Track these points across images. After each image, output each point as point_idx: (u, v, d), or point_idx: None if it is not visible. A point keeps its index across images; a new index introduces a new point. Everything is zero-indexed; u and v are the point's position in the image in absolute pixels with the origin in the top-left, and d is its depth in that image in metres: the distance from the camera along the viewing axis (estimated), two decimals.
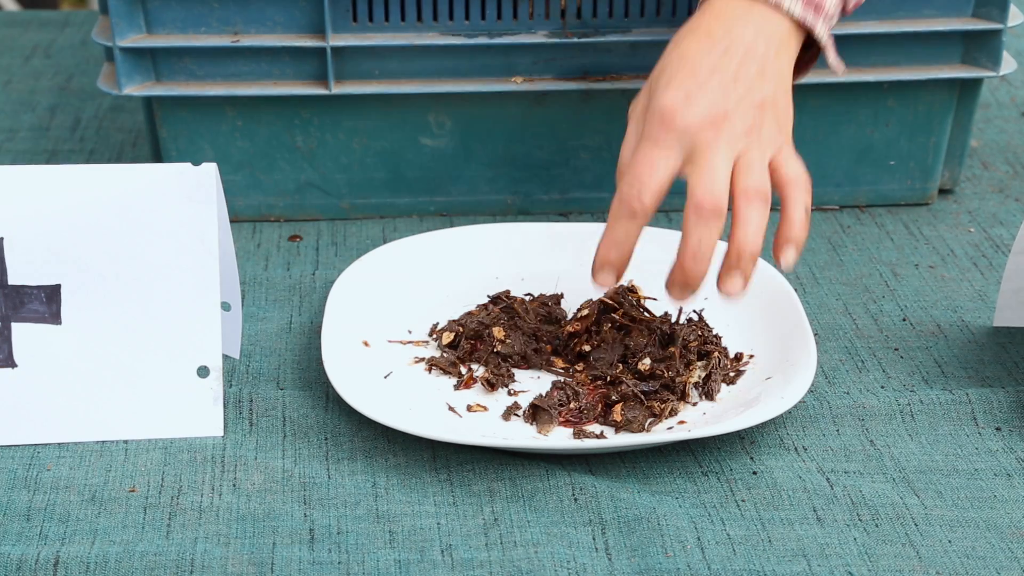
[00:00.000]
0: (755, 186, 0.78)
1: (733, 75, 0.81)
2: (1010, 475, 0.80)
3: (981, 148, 1.19)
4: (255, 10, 1.00)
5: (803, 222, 0.79)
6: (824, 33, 0.85)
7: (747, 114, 0.80)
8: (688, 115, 0.79)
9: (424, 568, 0.73)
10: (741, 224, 0.78)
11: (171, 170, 0.82)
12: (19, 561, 0.72)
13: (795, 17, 0.83)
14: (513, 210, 1.09)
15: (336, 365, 0.84)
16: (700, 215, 0.77)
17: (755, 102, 0.80)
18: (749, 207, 0.78)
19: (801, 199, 0.80)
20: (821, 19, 0.84)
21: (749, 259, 0.78)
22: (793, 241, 0.79)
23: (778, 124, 0.81)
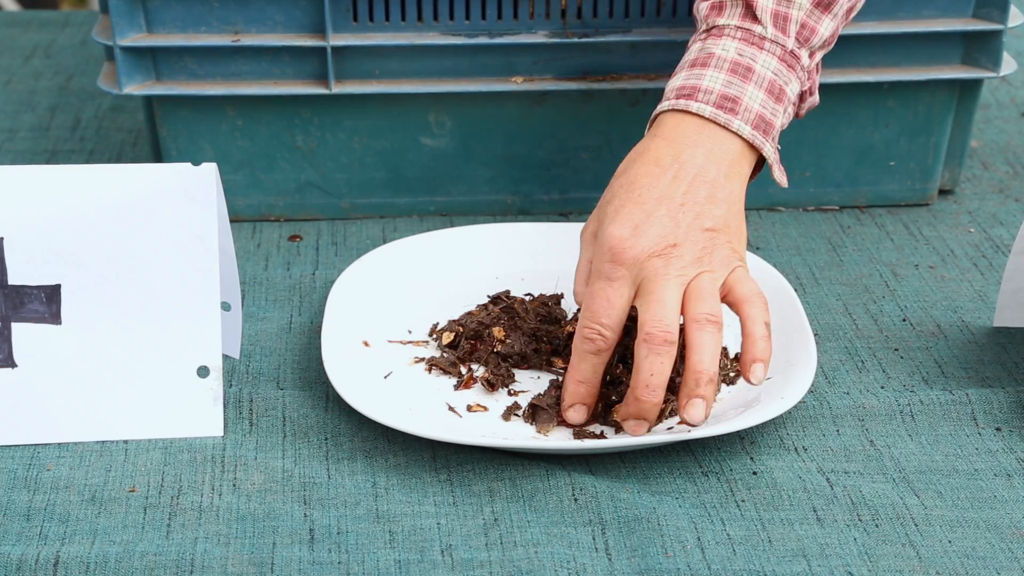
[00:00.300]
0: (706, 312, 0.79)
1: (680, 201, 0.82)
2: (1010, 475, 0.80)
3: (981, 148, 1.19)
4: (255, 9, 1.00)
5: (765, 338, 0.80)
6: (771, 152, 0.86)
7: (697, 241, 0.81)
8: (636, 248, 0.80)
9: (424, 568, 0.73)
10: (695, 351, 0.78)
11: (171, 170, 0.82)
12: (19, 561, 0.72)
13: (744, 138, 0.84)
14: (513, 210, 1.09)
15: (336, 365, 0.84)
16: (651, 346, 0.78)
17: (705, 227, 0.81)
18: (702, 333, 0.78)
19: (759, 316, 0.80)
20: (770, 139, 0.85)
21: (707, 384, 0.78)
22: (759, 359, 0.80)
23: (731, 247, 0.82)
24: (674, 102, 0.85)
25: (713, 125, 0.84)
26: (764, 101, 0.85)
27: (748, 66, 0.85)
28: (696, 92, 0.85)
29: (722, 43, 0.86)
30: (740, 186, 0.84)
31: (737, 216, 0.83)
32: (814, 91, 0.91)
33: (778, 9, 0.86)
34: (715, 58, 0.86)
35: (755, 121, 0.84)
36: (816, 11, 0.87)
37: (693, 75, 0.86)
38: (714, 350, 0.78)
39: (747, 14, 0.87)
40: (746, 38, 0.86)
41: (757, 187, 1.09)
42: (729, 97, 0.84)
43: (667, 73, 1.04)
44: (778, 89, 0.86)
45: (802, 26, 0.87)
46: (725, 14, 0.87)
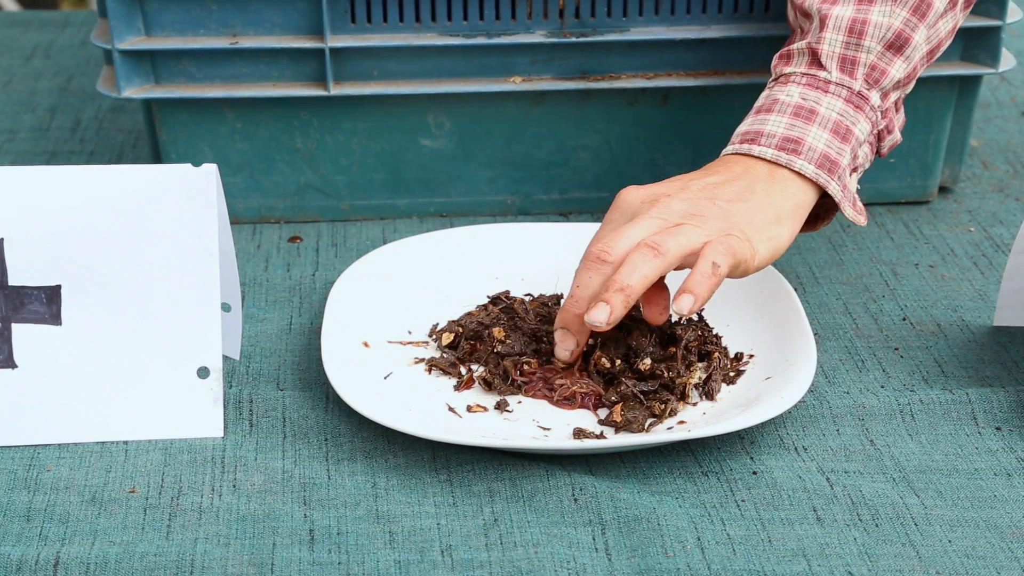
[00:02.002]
0: (652, 239, 0.80)
1: (703, 184, 0.84)
2: (1010, 475, 0.80)
3: (981, 147, 1.19)
4: (253, 12, 1.00)
5: (704, 274, 0.79)
6: (837, 190, 0.87)
7: (698, 204, 0.82)
8: (633, 194, 0.85)
9: (424, 568, 0.73)
10: (622, 265, 0.80)
11: (171, 171, 0.82)
12: (19, 562, 0.72)
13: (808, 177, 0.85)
14: (513, 210, 1.09)
15: (336, 366, 0.84)
16: (586, 262, 0.82)
17: (716, 203, 0.83)
18: (635, 252, 0.80)
19: (709, 254, 0.80)
20: (835, 178, 0.86)
21: (616, 291, 0.79)
22: (688, 289, 0.79)
23: (740, 230, 0.82)
24: (737, 146, 0.87)
25: (776, 167, 0.86)
26: (829, 141, 0.86)
27: (812, 108, 0.87)
28: (759, 136, 0.87)
29: (787, 89, 0.89)
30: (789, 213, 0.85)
31: (764, 221, 0.83)
32: (893, 129, 0.91)
33: (845, 54, 0.88)
34: (779, 103, 0.88)
35: (819, 160, 0.86)
36: (888, 53, 0.88)
37: (757, 121, 0.88)
38: (640, 269, 0.79)
39: (813, 62, 0.89)
40: (810, 83, 0.88)
41: None
42: (791, 139, 0.86)
43: (666, 72, 1.04)
44: (844, 129, 0.87)
45: (872, 68, 0.88)
46: (792, 63, 0.90)
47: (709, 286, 0.79)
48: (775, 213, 0.84)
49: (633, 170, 1.08)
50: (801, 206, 0.86)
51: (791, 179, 0.86)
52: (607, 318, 0.79)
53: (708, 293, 0.79)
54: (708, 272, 0.79)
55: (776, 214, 0.84)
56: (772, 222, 0.84)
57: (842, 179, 0.87)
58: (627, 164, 1.08)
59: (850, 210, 0.88)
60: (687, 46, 1.03)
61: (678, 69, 1.04)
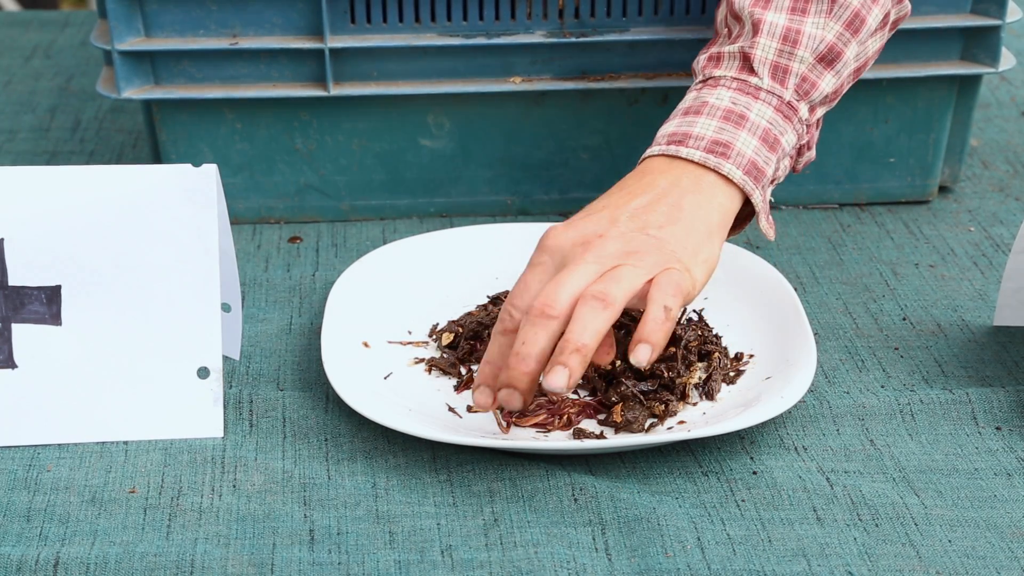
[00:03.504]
0: (597, 290, 0.76)
1: (631, 212, 0.81)
2: (1010, 475, 0.80)
3: (981, 147, 1.19)
4: (253, 12, 1.00)
5: (657, 320, 0.76)
6: (759, 200, 0.84)
7: (631, 240, 0.79)
8: (562, 237, 0.80)
9: (424, 568, 0.73)
10: (572, 321, 0.76)
11: (171, 171, 0.82)
12: (19, 562, 0.72)
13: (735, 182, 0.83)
14: (513, 210, 1.09)
15: (336, 366, 0.84)
16: (529, 318, 0.77)
17: (648, 234, 0.80)
18: (583, 307, 0.76)
19: (659, 299, 0.77)
20: (760, 187, 0.84)
21: (572, 352, 0.75)
22: (644, 339, 0.76)
23: (676, 258, 0.79)
24: (664, 147, 0.85)
25: (702, 169, 0.83)
26: (758, 148, 0.84)
27: (742, 114, 0.85)
28: (687, 138, 0.84)
29: (717, 92, 0.86)
30: (717, 225, 0.82)
31: (698, 241, 0.81)
32: (812, 146, 0.90)
33: (778, 62, 0.86)
34: (708, 106, 0.86)
35: (747, 167, 0.83)
36: (819, 66, 0.87)
37: (685, 122, 0.85)
38: (590, 324, 0.75)
39: (744, 66, 0.87)
40: (741, 88, 0.86)
41: None
42: (721, 142, 0.84)
43: (666, 72, 1.04)
44: (772, 138, 0.85)
45: (803, 79, 0.86)
46: (723, 66, 0.88)
47: (665, 331, 0.76)
48: (705, 229, 0.82)
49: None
50: (727, 215, 0.83)
51: (717, 185, 0.83)
52: (567, 382, 0.75)
53: (664, 339, 0.77)
54: (661, 318, 0.76)
55: (707, 229, 0.82)
56: (704, 240, 0.81)
57: (764, 189, 0.85)
58: (627, 164, 1.07)
59: (764, 223, 0.86)
60: (687, 46, 1.03)
61: (678, 69, 1.04)
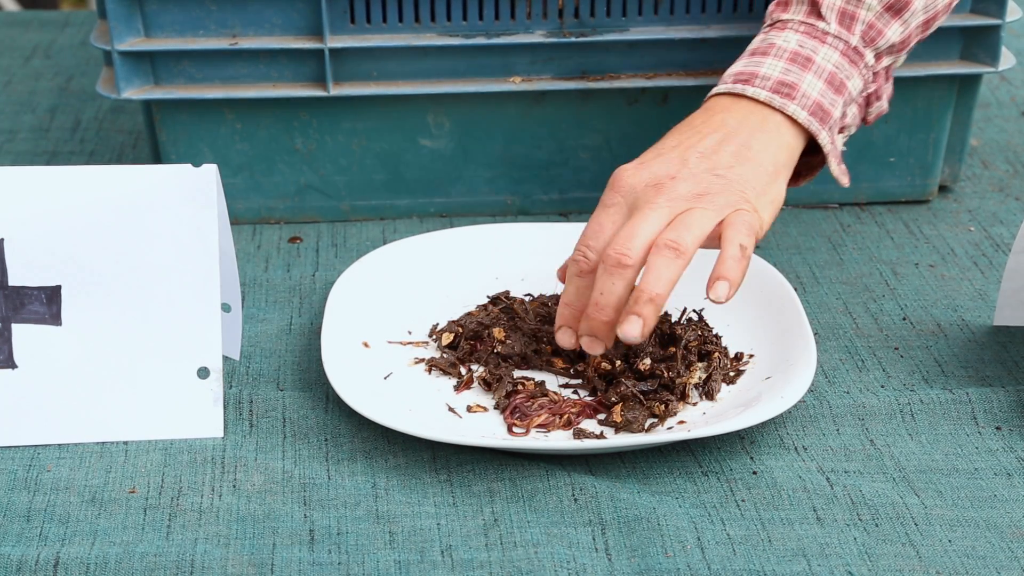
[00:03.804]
0: (670, 239, 0.78)
1: (700, 151, 0.82)
2: (1010, 475, 0.80)
3: (981, 147, 1.19)
4: (253, 12, 1.00)
5: (735, 258, 0.79)
6: (827, 140, 0.86)
7: (701, 181, 0.81)
8: (634, 178, 0.82)
9: (424, 569, 0.73)
10: (647, 271, 0.78)
11: (171, 171, 0.82)
12: (19, 562, 0.73)
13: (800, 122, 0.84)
14: (513, 210, 1.09)
15: (336, 366, 0.84)
16: (605, 267, 0.79)
17: (718, 175, 0.81)
18: (656, 257, 0.78)
19: (734, 238, 0.79)
20: (826, 128, 0.85)
21: (646, 302, 0.77)
22: (722, 277, 0.78)
23: (743, 197, 0.81)
24: (730, 86, 0.86)
25: (767, 109, 0.85)
26: (823, 90, 0.85)
27: (808, 56, 0.86)
28: (753, 78, 0.86)
29: (784, 35, 0.88)
30: (784, 163, 0.84)
31: (766, 181, 0.83)
32: (881, 96, 0.91)
33: (845, 7, 0.87)
34: (775, 48, 0.87)
35: (812, 108, 0.85)
36: (886, 15, 0.88)
37: (752, 62, 0.87)
38: (664, 273, 0.77)
39: (812, 11, 0.88)
40: (808, 32, 0.87)
41: None
42: (787, 83, 0.85)
43: (666, 72, 1.04)
44: (839, 82, 0.86)
45: (869, 26, 0.87)
46: (791, 10, 0.89)
47: (742, 269, 0.79)
48: (773, 168, 0.83)
49: None
50: (793, 154, 0.85)
51: (783, 125, 0.85)
52: (641, 331, 0.78)
53: (742, 276, 0.79)
54: (738, 256, 0.79)
55: (774, 169, 0.83)
56: (771, 180, 0.83)
57: (832, 131, 0.86)
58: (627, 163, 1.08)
59: (835, 166, 0.87)
60: (687, 46, 1.03)
61: (678, 69, 1.04)
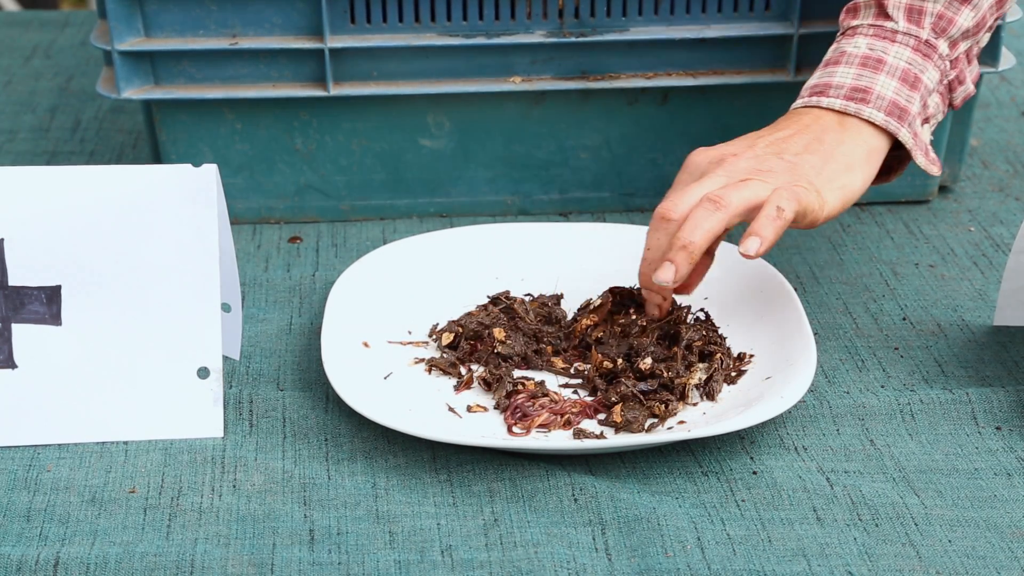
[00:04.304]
0: (713, 193, 0.82)
1: (770, 140, 0.86)
2: (1010, 475, 0.80)
3: (981, 147, 1.19)
4: (253, 12, 1.00)
5: (769, 217, 0.81)
6: (908, 137, 0.87)
7: (765, 161, 0.84)
8: (701, 156, 0.86)
9: (424, 568, 0.73)
10: (685, 221, 0.82)
11: (171, 171, 0.82)
12: (19, 562, 0.72)
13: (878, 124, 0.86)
14: (513, 210, 1.09)
15: (336, 366, 0.84)
16: (653, 222, 0.84)
17: (783, 158, 0.84)
18: (697, 208, 0.82)
19: (775, 199, 0.81)
20: (905, 125, 0.87)
21: (679, 249, 0.81)
22: (754, 232, 0.81)
23: (807, 180, 0.83)
24: (806, 99, 0.89)
25: (845, 117, 0.87)
26: (898, 88, 0.87)
27: (879, 58, 0.88)
28: (828, 88, 0.88)
29: (854, 41, 0.90)
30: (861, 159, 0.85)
31: (835, 170, 0.85)
32: (965, 79, 0.92)
33: (912, 4, 0.89)
34: (846, 55, 0.89)
35: (888, 108, 0.87)
36: (955, 2, 0.89)
37: (826, 73, 0.89)
38: (703, 224, 0.81)
39: (880, 13, 0.90)
40: (878, 34, 0.89)
41: None
42: (860, 88, 0.87)
43: (666, 72, 1.04)
44: (912, 77, 0.88)
45: (939, 17, 0.89)
46: (860, 16, 0.91)
47: (775, 228, 0.81)
48: (846, 162, 0.85)
49: (633, 170, 1.08)
50: (874, 152, 0.87)
51: (862, 127, 0.87)
52: (673, 276, 0.81)
53: (774, 235, 0.81)
54: (773, 215, 0.81)
55: (847, 162, 0.85)
56: (843, 170, 0.85)
57: (912, 127, 0.88)
58: (627, 164, 1.08)
59: (922, 158, 0.89)
60: (687, 46, 1.03)
61: (678, 69, 1.04)
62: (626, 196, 1.09)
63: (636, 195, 1.09)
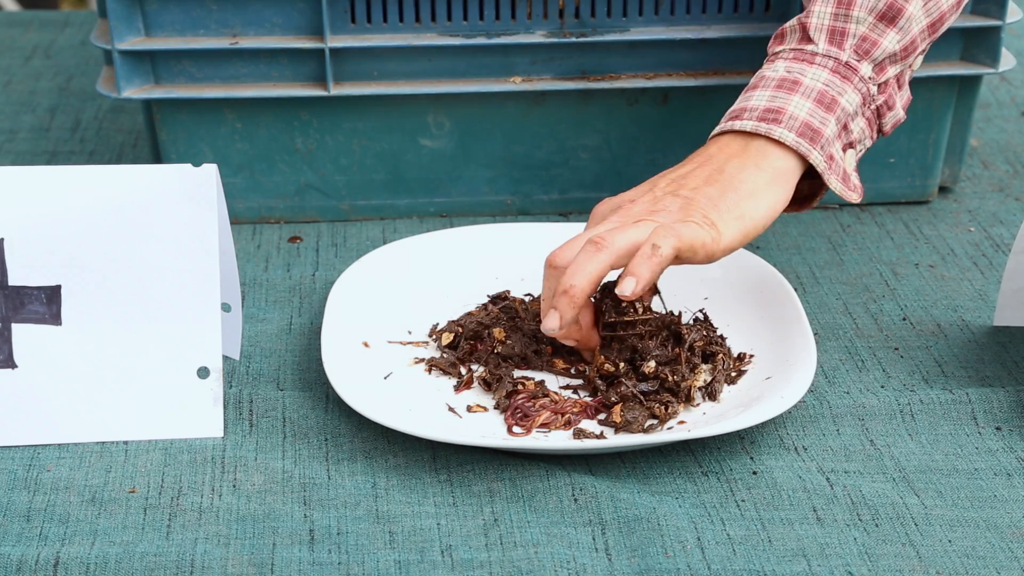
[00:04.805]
0: (596, 236, 0.81)
1: (672, 176, 0.85)
2: (1010, 475, 0.80)
3: (981, 147, 1.19)
4: (253, 12, 1.00)
5: (645, 256, 0.79)
6: (820, 160, 0.85)
7: (659, 201, 0.83)
8: (605, 206, 0.86)
9: (424, 568, 0.73)
10: (568, 266, 0.81)
11: (171, 171, 0.82)
12: (19, 562, 0.72)
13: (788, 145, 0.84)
14: (513, 210, 1.09)
15: (336, 366, 0.84)
16: (544, 270, 0.83)
17: (679, 195, 0.83)
18: (580, 253, 0.81)
19: (651, 238, 0.80)
20: (818, 147, 0.85)
21: (560, 295, 0.80)
22: (630, 272, 0.80)
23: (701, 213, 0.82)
24: (722, 125, 0.88)
25: (757, 138, 0.85)
26: (812, 110, 0.85)
27: (795, 80, 0.87)
28: (742, 112, 0.87)
29: (774, 66, 0.89)
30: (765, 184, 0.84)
31: (735, 200, 0.83)
32: (894, 105, 0.90)
33: (835, 26, 0.88)
34: (764, 79, 0.88)
35: (800, 128, 0.85)
36: (880, 24, 0.88)
37: (743, 99, 0.88)
38: (586, 268, 0.80)
39: (803, 37, 0.89)
40: (797, 57, 0.88)
41: None
42: (772, 109, 0.86)
43: (666, 72, 1.04)
44: (829, 98, 0.86)
45: (862, 39, 0.88)
46: (785, 41, 0.90)
47: (650, 266, 0.79)
48: (748, 188, 0.84)
49: (633, 170, 1.08)
50: (781, 175, 0.85)
51: (768, 149, 0.85)
52: (558, 324, 0.81)
53: (650, 274, 0.80)
54: (648, 253, 0.80)
55: (750, 189, 0.84)
56: (743, 199, 0.83)
57: (826, 149, 0.86)
58: (627, 164, 1.08)
59: (837, 183, 0.87)
60: (687, 46, 1.03)
61: (678, 69, 1.04)
62: None
63: None
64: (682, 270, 0.96)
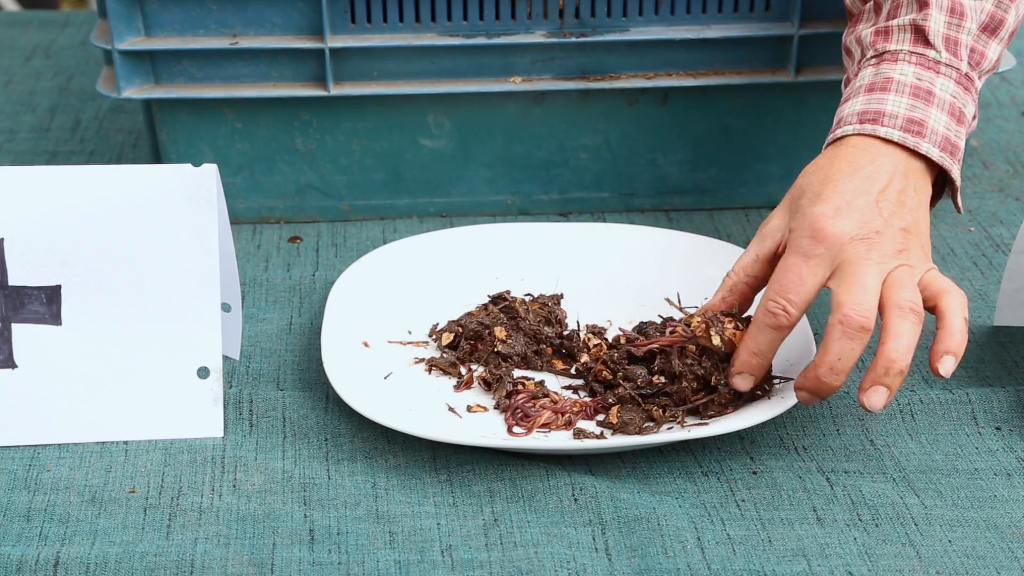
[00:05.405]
0: (910, 300, 0.77)
1: (876, 198, 0.80)
2: (1010, 475, 0.80)
3: (981, 147, 1.19)
4: (253, 12, 1.00)
5: (962, 332, 0.77)
6: (959, 175, 0.85)
7: (896, 236, 0.79)
8: (838, 228, 0.78)
9: (424, 568, 0.73)
10: (892, 338, 0.76)
11: (171, 171, 0.82)
12: (19, 562, 0.72)
13: (933, 160, 0.83)
14: (513, 210, 1.09)
15: (336, 366, 0.84)
16: (845, 330, 0.76)
17: (900, 227, 0.80)
18: (903, 321, 0.76)
19: (959, 309, 0.78)
20: (956, 161, 0.85)
21: (897, 374, 0.76)
22: (953, 351, 0.77)
23: (923, 251, 0.80)
24: (859, 126, 0.84)
25: (900, 148, 0.83)
26: (948, 123, 0.84)
27: (928, 89, 0.85)
28: (881, 116, 0.83)
29: (899, 67, 0.85)
30: (926, 200, 0.83)
31: (925, 224, 0.82)
32: (976, 116, 0.89)
33: (948, 34, 0.86)
34: (894, 82, 0.85)
35: (942, 143, 0.84)
36: (983, 36, 0.87)
37: (874, 99, 0.84)
38: (910, 341, 0.76)
39: (918, 39, 0.86)
40: (922, 63, 0.86)
41: (757, 185, 1.10)
42: (915, 120, 0.83)
43: (666, 72, 1.04)
44: (958, 112, 0.85)
45: (972, 51, 0.87)
46: (893, 39, 0.87)
47: (965, 341, 0.78)
48: (926, 216, 0.82)
49: (633, 170, 1.08)
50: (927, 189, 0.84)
51: (920, 169, 0.83)
52: (886, 401, 0.77)
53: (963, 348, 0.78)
54: (963, 329, 0.78)
55: (926, 217, 0.82)
56: (926, 226, 0.82)
57: (960, 164, 0.85)
58: (627, 164, 1.08)
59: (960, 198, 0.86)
60: (687, 46, 1.03)
61: (678, 69, 1.04)
62: (626, 196, 1.09)
63: (636, 195, 1.09)
64: (682, 270, 0.96)
